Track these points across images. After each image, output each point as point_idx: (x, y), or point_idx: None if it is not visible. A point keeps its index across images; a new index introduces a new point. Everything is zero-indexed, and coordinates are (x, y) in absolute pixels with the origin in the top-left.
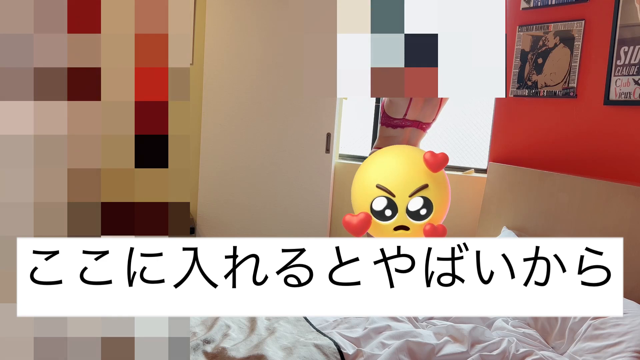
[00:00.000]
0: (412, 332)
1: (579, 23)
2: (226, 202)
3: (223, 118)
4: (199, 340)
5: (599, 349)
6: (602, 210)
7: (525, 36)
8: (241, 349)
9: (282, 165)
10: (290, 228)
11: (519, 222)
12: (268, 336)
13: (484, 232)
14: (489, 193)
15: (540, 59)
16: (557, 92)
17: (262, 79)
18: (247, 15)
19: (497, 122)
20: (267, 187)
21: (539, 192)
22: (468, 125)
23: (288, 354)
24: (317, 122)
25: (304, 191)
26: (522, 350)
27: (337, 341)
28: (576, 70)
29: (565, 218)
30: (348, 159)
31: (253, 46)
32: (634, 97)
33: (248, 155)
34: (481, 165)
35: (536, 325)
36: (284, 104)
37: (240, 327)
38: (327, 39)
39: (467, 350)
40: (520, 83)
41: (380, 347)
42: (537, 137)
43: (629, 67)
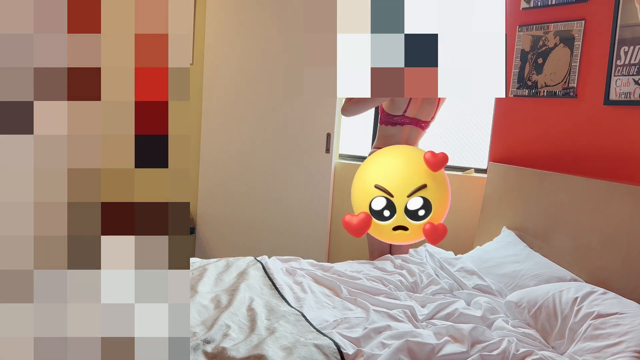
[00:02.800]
0: (412, 332)
1: (579, 23)
2: (226, 202)
3: (223, 118)
4: (199, 340)
5: (599, 349)
6: (602, 210)
7: (525, 36)
8: (241, 349)
9: (282, 165)
10: (290, 228)
11: (519, 222)
12: (268, 336)
13: (484, 232)
14: (489, 193)
15: (540, 59)
16: (557, 92)
17: (262, 79)
18: (247, 15)
19: (497, 122)
20: (267, 187)
21: (539, 192)
22: (468, 125)
23: (288, 354)
24: (317, 122)
25: (304, 191)
26: (522, 350)
27: (337, 341)
28: (576, 70)
29: (565, 218)
30: (348, 159)
31: (253, 46)
32: (634, 97)
33: (248, 155)
34: (481, 165)
35: (536, 325)
36: (284, 103)
37: (240, 327)
38: (327, 39)
39: (467, 350)
40: (520, 83)
41: (380, 347)
42: (537, 137)
43: (629, 67)
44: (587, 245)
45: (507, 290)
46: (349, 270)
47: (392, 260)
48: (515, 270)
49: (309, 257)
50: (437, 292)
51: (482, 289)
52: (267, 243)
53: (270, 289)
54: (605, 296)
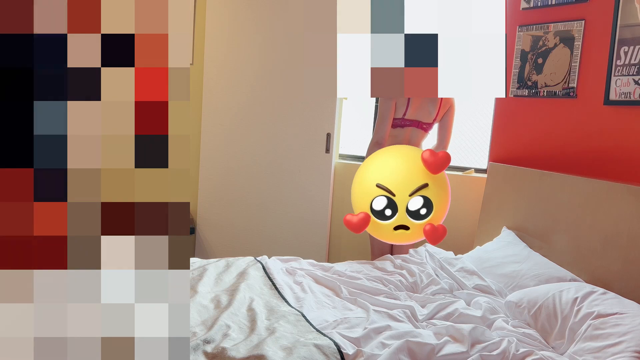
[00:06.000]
0: (412, 332)
1: (579, 23)
2: (226, 202)
3: (223, 118)
4: (199, 340)
5: (599, 349)
6: (602, 210)
7: (525, 36)
8: (241, 349)
9: (282, 165)
10: (290, 228)
11: (519, 222)
12: (268, 336)
13: (484, 232)
14: (489, 193)
15: (540, 59)
16: (557, 92)
17: (262, 79)
18: (247, 15)
19: (497, 122)
20: (267, 187)
21: (539, 192)
22: (468, 125)
23: (288, 354)
24: (317, 122)
25: (304, 191)
26: (522, 350)
27: (337, 341)
28: (576, 70)
29: (565, 218)
30: (348, 159)
31: (253, 46)
32: (634, 97)
33: (248, 155)
34: (481, 165)
35: (536, 325)
36: (284, 104)
37: (240, 327)
38: (327, 39)
39: (467, 350)
40: (520, 83)
41: (380, 347)
42: (537, 137)
43: (629, 67)
44: (587, 245)
45: (507, 290)
46: (349, 271)
47: (392, 260)
48: (515, 270)
49: (309, 257)
50: (437, 292)
51: (482, 289)
52: (267, 243)
53: (270, 289)
54: (605, 296)
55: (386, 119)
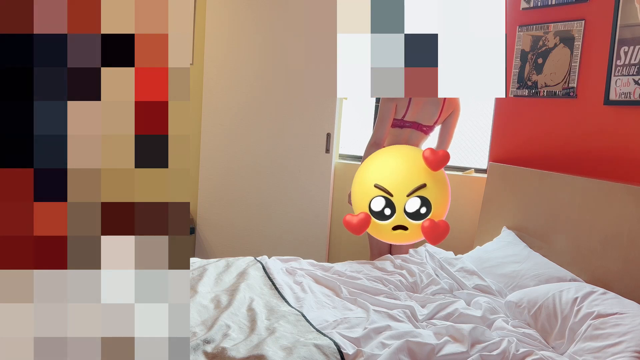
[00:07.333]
0: (412, 332)
1: (579, 23)
2: (226, 202)
3: (223, 118)
4: (199, 340)
5: (599, 349)
6: (602, 210)
7: (525, 36)
8: (241, 349)
9: (282, 165)
10: (290, 228)
11: (519, 222)
12: (268, 336)
13: (484, 232)
14: (489, 193)
15: (540, 59)
16: (557, 92)
17: (262, 79)
18: (247, 15)
19: (497, 122)
20: (267, 187)
21: (539, 192)
22: (468, 125)
23: (288, 354)
24: (317, 122)
25: (304, 191)
26: (522, 350)
27: (337, 341)
28: (576, 70)
29: (565, 218)
30: (348, 159)
31: (253, 46)
32: (634, 97)
33: (248, 155)
34: (481, 165)
35: (536, 325)
36: (284, 104)
37: (240, 327)
38: (327, 39)
39: (467, 350)
40: (520, 83)
41: (380, 347)
42: (537, 137)
43: (629, 67)
44: (587, 245)
45: (507, 290)
46: (349, 271)
47: (392, 260)
48: (515, 270)
49: (309, 257)
50: (437, 292)
51: (482, 289)
52: (267, 243)
53: (270, 289)
54: (605, 296)
55: (385, 121)
